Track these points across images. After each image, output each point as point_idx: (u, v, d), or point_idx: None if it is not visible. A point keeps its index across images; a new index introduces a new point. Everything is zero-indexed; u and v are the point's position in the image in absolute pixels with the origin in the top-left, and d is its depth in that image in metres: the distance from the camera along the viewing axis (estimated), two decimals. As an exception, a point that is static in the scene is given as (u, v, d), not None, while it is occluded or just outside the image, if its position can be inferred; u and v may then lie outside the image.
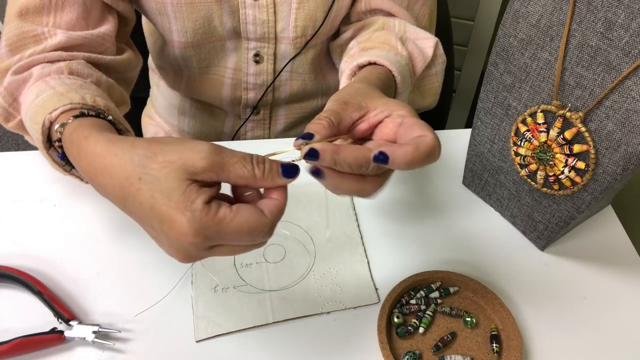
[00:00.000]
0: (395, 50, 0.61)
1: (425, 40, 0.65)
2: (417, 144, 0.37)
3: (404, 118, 0.40)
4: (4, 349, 0.47)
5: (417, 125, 0.38)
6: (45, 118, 0.48)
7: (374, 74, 0.53)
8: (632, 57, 0.43)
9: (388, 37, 0.63)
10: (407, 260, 0.59)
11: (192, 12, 0.65)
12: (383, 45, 0.62)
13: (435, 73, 0.67)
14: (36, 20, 0.57)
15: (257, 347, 0.51)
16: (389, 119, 0.41)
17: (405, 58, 0.61)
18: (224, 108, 0.81)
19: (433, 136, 0.38)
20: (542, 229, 0.59)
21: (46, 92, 0.51)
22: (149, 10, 0.67)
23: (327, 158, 0.37)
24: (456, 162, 0.70)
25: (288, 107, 0.82)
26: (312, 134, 0.38)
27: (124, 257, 0.58)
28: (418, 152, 0.37)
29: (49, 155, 0.50)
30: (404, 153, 0.37)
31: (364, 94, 0.43)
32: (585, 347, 0.53)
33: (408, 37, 0.66)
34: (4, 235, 0.58)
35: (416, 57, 0.63)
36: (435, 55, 0.65)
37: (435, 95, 0.70)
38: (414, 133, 0.38)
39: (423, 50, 0.64)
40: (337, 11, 0.69)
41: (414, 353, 0.50)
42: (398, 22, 0.67)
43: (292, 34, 0.69)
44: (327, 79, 0.80)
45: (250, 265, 0.57)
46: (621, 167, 0.47)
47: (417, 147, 0.37)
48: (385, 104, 0.41)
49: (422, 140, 0.37)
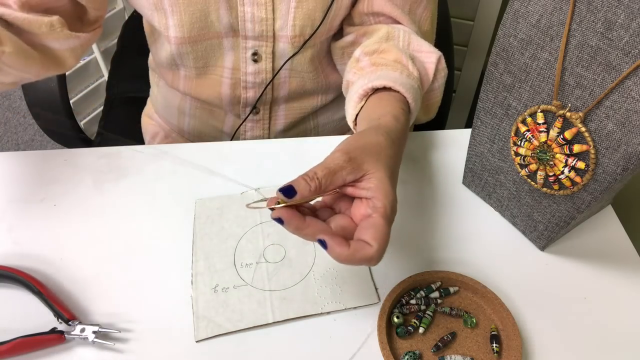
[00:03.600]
0: (408, 72, 0.62)
1: (428, 55, 0.66)
2: (357, 250, 0.41)
3: (374, 213, 0.42)
4: (4, 349, 0.47)
5: (374, 229, 0.41)
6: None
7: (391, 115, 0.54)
8: (632, 57, 0.43)
9: (399, 56, 0.63)
10: (407, 260, 0.59)
11: (189, 5, 0.65)
12: (395, 65, 0.62)
13: (437, 87, 0.68)
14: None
15: (257, 347, 0.51)
16: (366, 202, 0.44)
17: (417, 79, 0.62)
18: (224, 107, 0.81)
19: (376, 249, 0.41)
20: (542, 229, 0.59)
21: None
22: (146, 6, 0.67)
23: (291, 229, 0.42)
24: (456, 162, 0.70)
25: (287, 106, 0.82)
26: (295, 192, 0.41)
27: (124, 257, 0.58)
28: (352, 258, 0.41)
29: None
30: (340, 253, 0.41)
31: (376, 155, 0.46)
32: (585, 347, 0.53)
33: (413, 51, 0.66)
34: (4, 235, 0.58)
35: (423, 76, 0.65)
36: (438, 69, 0.66)
37: (436, 109, 0.71)
38: (365, 235, 0.41)
39: (425, 66, 0.65)
40: (336, 11, 0.68)
41: (414, 353, 0.50)
42: (402, 33, 0.67)
43: (290, 32, 0.69)
44: (327, 78, 0.80)
45: (250, 265, 0.57)
46: (621, 167, 0.47)
47: (354, 253, 0.41)
48: (377, 183, 0.44)
49: (362, 249, 0.41)
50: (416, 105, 0.59)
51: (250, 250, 0.59)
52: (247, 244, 0.59)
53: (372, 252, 0.41)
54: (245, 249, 0.59)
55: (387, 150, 0.47)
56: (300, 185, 0.42)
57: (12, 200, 0.62)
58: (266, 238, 0.60)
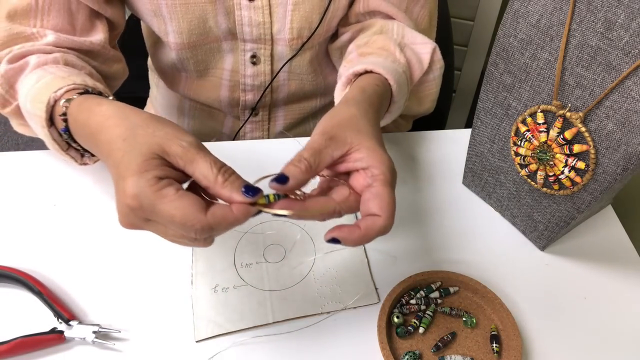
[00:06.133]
0: (393, 57, 0.61)
1: (423, 46, 0.65)
2: (369, 227, 0.41)
3: (375, 180, 0.42)
4: (4, 349, 0.47)
5: (379, 199, 0.41)
6: (51, 96, 0.50)
7: (371, 85, 0.53)
8: (632, 57, 0.43)
9: (386, 43, 0.63)
10: (407, 260, 0.59)
11: (186, 13, 0.65)
12: (381, 51, 0.62)
13: (432, 79, 0.67)
14: (24, 22, 0.58)
15: (257, 347, 0.51)
16: (363, 173, 0.43)
17: (403, 65, 0.61)
18: (223, 109, 0.81)
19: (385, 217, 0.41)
20: (542, 229, 0.59)
21: (47, 77, 0.52)
22: (145, 12, 0.66)
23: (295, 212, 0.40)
24: (456, 162, 0.70)
25: (287, 108, 0.82)
26: (287, 178, 0.40)
27: (124, 257, 0.57)
28: (367, 236, 0.41)
29: (49, 133, 0.52)
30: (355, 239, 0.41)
31: (354, 126, 0.45)
32: (585, 347, 0.53)
33: (406, 42, 0.65)
34: (4, 235, 0.58)
35: (414, 64, 0.63)
36: (433, 60, 0.65)
37: (432, 102, 0.70)
38: (372, 209, 0.41)
39: (420, 56, 0.64)
40: (333, 12, 0.68)
41: (414, 353, 0.50)
42: (397, 26, 0.67)
43: (288, 35, 0.68)
44: (326, 79, 0.80)
45: (250, 265, 0.57)
46: (621, 167, 0.47)
47: (368, 232, 0.41)
48: (368, 152, 0.43)
49: (373, 223, 0.41)
50: (399, 89, 0.57)
51: (250, 250, 0.59)
52: (247, 244, 0.59)
53: (382, 223, 0.40)
54: (245, 249, 0.59)
55: (363, 120, 0.46)
56: (290, 170, 0.41)
57: (12, 200, 0.62)
58: (266, 238, 0.60)
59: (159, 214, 0.38)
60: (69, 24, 0.60)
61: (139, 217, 0.39)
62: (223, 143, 0.72)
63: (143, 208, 0.38)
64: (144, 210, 0.38)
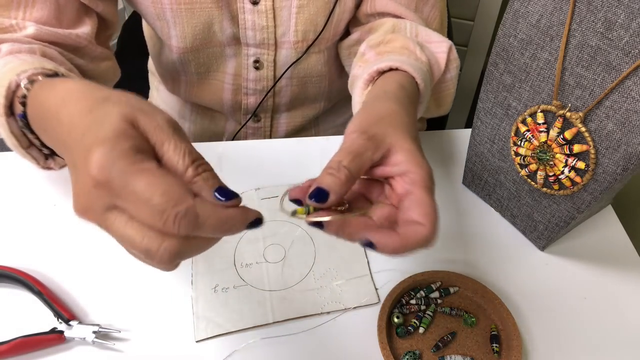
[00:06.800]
0: (415, 56, 0.57)
1: (438, 44, 0.62)
2: (409, 235, 0.36)
3: (414, 188, 0.38)
4: (4, 349, 0.47)
5: (421, 206, 0.37)
6: (12, 80, 0.43)
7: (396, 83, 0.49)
8: (632, 57, 0.43)
9: (406, 42, 0.59)
10: (407, 260, 0.59)
11: (191, 18, 0.64)
12: (402, 50, 0.58)
13: (450, 79, 0.64)
14: (4, 13, 0.54)
15: (257, 347, 0.51)
16: (400, 181, 0.39)
17: (426, 64, 0.57)
18: (225, 112, 0.81)
19: (430, 227, 0.36)
20: (542, 229, 0.59)
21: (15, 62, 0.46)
22: (148, 14, 0.66)
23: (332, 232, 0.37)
24: (456, 162, 0.70)
25: (289, 114, 0.81)
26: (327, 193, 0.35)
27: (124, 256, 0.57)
28: (406, 245, 0.36)
29: (7, 123, 0.45)
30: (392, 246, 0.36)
31: (395, 124, 0.40)
32: (585, 347, 0.53)
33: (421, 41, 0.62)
34: (4, 235, 0.58)
35: (433, 63, 0.60)
36: (450, 60, 0.62)
37: (450, 103, 0.66)
38: (413, 216, 0.37)
39: (436, 56, 0.61)
40: (339, 15, 0.67)
41: (414, 353, 0.50)
42: (409, 25, 0.64)
43: (293, 38, 0.68)
44: (330, 85, 0.79)
45: (250, 265, 0.57)
46: (621, 167, 0.47)
47: (407, 240, 0.36)
48: (407, 156, 0.38)
49: (415, 232, 0.36)
50: (426, 89, 0.53)
51: (250, 250, 0.59)
52: (247, 244, 0.59)
53: (426, 232, 0.36)
54: (245, 249, 0.59)
55: (403, 117, 0.42)
56: (329, 181, 0.36)
57: (12, 200, 0.62)
58: (266, 238, 0.60)
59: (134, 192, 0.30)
60: (54, 18, 0.56)
61: (102, 200, 0.31)
62: (223, 143, 0.72)
63: (111, 184, 0.30)
64: (111, 187, 0.30)
